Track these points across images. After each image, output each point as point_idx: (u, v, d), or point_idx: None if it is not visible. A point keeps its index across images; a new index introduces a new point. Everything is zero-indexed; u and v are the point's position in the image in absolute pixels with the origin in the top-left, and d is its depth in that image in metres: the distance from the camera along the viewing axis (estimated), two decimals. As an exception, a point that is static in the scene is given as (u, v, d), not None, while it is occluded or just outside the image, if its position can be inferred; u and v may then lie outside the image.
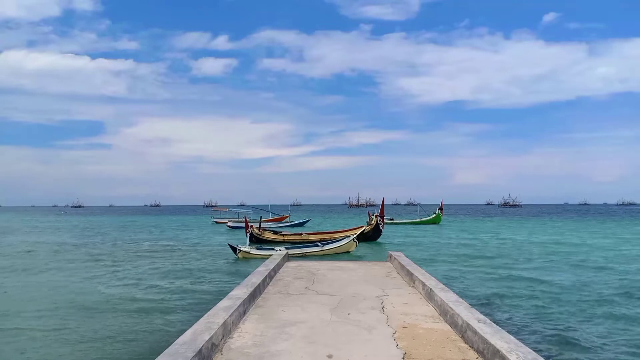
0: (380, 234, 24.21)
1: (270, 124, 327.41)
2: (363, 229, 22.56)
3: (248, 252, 17.08)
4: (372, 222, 24.16)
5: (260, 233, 22.71)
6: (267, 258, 11.04)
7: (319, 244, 17.86)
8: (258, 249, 17.69)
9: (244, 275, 8.36)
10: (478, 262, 16.66)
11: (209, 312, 5.16)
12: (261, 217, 28.35)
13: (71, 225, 49.27)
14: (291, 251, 15.85)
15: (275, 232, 23.90)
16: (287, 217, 45.72)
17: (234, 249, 17.54)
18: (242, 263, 16.15)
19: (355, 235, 18.35)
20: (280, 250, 13.60)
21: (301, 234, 23.64)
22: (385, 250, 16.90)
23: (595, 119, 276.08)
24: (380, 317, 5.65)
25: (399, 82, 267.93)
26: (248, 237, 20.15)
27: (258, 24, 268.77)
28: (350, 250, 17.69)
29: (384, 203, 24.96)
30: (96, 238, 30.01)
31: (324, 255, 16.38)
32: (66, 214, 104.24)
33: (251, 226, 21.73)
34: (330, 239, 20.84)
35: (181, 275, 14.01)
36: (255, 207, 50.73)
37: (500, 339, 4.14)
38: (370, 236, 23.20)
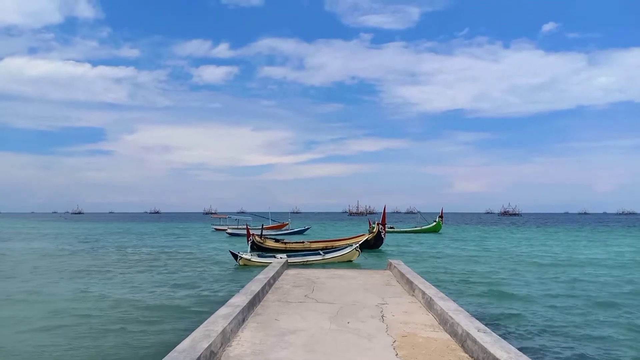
0: (382, 242, 24.16)
1: (270, 131, 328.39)
2: (366, 237, 22.47)
3: (249, 260, 17.03)
4: (374, 230, 24.15)
5: (261, 241, 22.63)
6: (268, 266, 11.01)
7: (321, 252, 17.78)
8: (259, 256, 17.62)
9: (244, 283, 8.34)
10: (477, 271, 16.60)
11: (207, 320, 5.15)
12: (262, 224, 28.25)
13: (71, 232, 49.19)
14: (292, 259, 15.79)
15: (276, 241, 23.80)
16: (287, 224, 45.66)
17: (235, 256, 17.50)
18: (242, 271, 16.09)
19: (358, 245, 18.23)
20: (281, 258, 13.56)
21: (303, 242, 23.54)
22: (386, 258, 16.86)
23: (595, 129, 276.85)
24: (380, 326, 5.63)
25: (399, 91, 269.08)
26: (249, 246, 20.09)
27: (259, 32, 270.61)
28: (352, 260, 17.59)
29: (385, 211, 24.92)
30: (95, 245, 29.95)
31: (325, 263, 16.31)
32: (66, 220, 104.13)
33: (252, 234, 21.66)
34: (332, 247, 20.75)
35: (180, 282, 13.96)
36: (255, 215, 50.64)
37: (500, 349, 4.13)
38: (372, 244, 23.13)
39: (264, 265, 14.26)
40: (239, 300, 6.31)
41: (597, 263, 19.55)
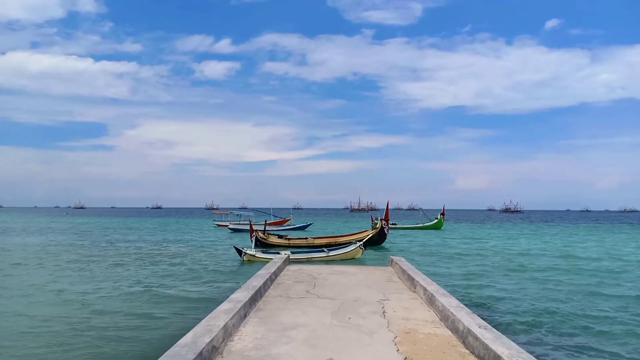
0: (385, 239, 24.17)
1: (272, 127, 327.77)
2: (370, 234, 22.46)
3: (253, 255, 17.04)
4: (377, 226, 24.19)
5: (265, 237, 22.65)
6: (270, 261, 11.03)
7: (325, 249, 17.76)
8: (263, 252, 17.61)
9: (247, 279, 8.36)
10: (478, 268, 16.60)
11: (209, 315, 5.17)
12: (266, 220, 28.26)
13: (76, 226, 49.35)
14: (296, 256, 15.80)
15: (280, 236, 23.81)
16: (289, 220, 45.75)
17: (239, 252, 17.51)
18: (245, 266, 16.13)
19: (362, 242, 18.21)
20: (285, 254, 13.53)
21: (306, 238, 23.55)
22: (389, 254, 16.87)
23: (597, 126, 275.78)
24: (381, 322, 5.64)
25: (401, 87, 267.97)
26: (253, 242, 20.07)
27: (261, 28, 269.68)
28: (356, 257, 17.59)
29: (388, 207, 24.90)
30: (98, 239, 30.04)
31: (329, 260, 16.30)
32: (68, 214, 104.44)
33: (256, 230, 21.66)
34: (335, 243, 20.72)
35: (182, 278, 14.01)
36: (256, 210, 50.74)
37: (501, 345, 4.14)
38: (375, 240, 23.15)
39: (268, 262, 14.30)
40: (241, 295, 6.33)
41: (604, 258, 19.54)
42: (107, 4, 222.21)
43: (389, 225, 24.72)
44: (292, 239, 23.57)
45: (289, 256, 12.66)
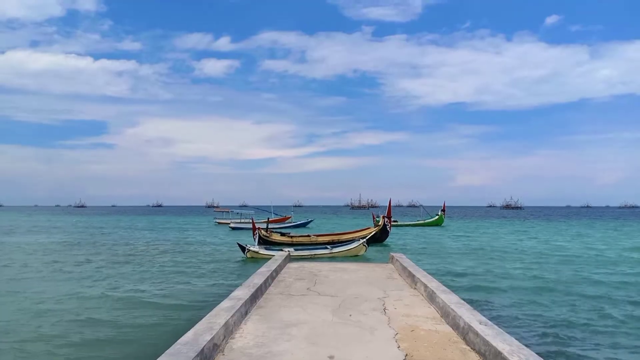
0: (388, 236, 24.15)
1: (272, 125, 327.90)
2: (373, 231, 22.45)
3: (257, 252, 17.05)
4: (380, 223, 24.18)
5: (267, 235, 22.64)
6: (271, 259, 11.03)
7: (328, 246, 17.75)
8: (267, 249, 17.62)
9: (248, 277, 8.37)
10: (479, 264, 16.61)
11: (210, 313, 5.17)
12: (268, 218, 28.21)
13: (76, 224, 49.37)
14: (299, 253, 15.78)
15: (282, 234, 23.79)
16: (290, 217, 45.77)
17: (243, 249, 17.52)
18: (249, 264, 16.13)
19: (365, 239, 18.23)
20: (288, 251, 13.50)
21: (309, 236, 23.55)
22: (389, 252, 16.88)
23: (598, 121, 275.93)
24: (382, 319, 5.64)
25: (400, 84, 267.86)
26: (256, 240, 20.05)
27: (260, 25, 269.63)
28: (360, 254, 17.58)
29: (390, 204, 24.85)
30: (101, 237, 30.06)
31: (332, 257, 16.30)
32: (69, 214, 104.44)
33: (258, 228, 21.65)
34: (338, 240, 20.71)
35: (183, 275, 14.03)
36: (257, 208, 50.80)
37: (502, 341, 4.14)
38: (377, 238, 23.15)
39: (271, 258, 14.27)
40: (242, 293, 6.34)
41: (607, 253, 19.55)
42: (106, 3, 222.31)
43: (391, 223, 24.69)
44: (295, 236, 23.54)
45: (289, 253, 12.66)
